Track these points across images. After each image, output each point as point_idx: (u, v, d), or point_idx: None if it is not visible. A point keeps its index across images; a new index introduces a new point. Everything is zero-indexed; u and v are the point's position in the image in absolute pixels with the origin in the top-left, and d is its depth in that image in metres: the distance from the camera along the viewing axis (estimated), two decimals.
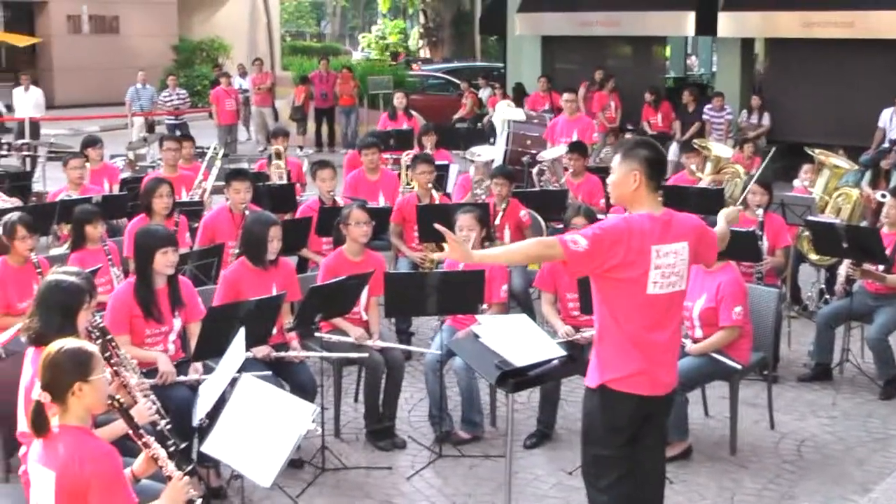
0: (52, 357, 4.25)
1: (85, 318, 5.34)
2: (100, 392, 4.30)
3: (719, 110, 18.37)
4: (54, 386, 4.22)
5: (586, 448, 5.20)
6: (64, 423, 4.25)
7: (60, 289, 5.31)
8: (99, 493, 4.11)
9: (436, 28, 45.97)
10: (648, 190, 4.96)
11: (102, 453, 4.20)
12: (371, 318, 7.71)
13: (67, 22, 35.53)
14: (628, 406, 5.00)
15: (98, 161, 11.87)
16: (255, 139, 24.40)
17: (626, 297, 4.90)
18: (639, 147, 5.01)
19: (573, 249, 4.79)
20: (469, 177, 11.01)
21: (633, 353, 4.94)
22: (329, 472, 6.89)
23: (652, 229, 4.90)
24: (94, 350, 4.37)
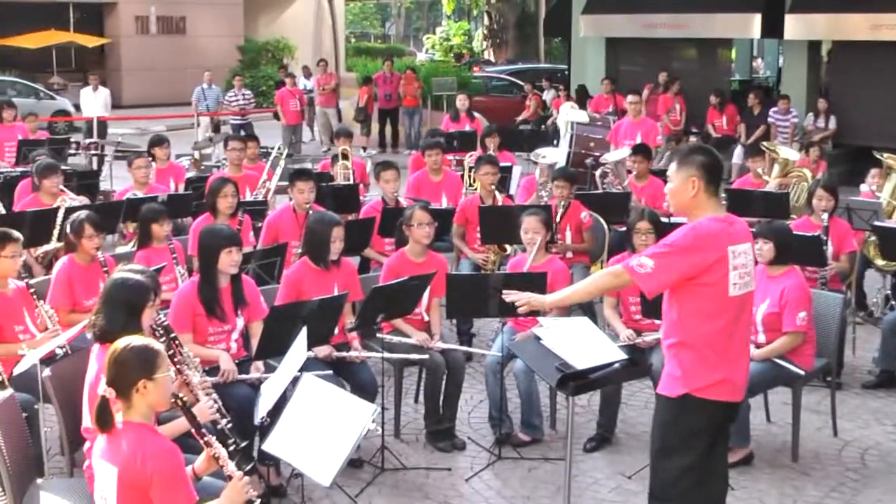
0: (119, 354, 4.31)
1: (149, 315, 5.39)
2: (164, 390, 4.35)
3: (785, 113, 18.15)
4: (119, 382, 4.28)
5: (664, 459, 5.13)
6: (128, 419, 4.31)
7: (126, 286, 5.36)
8: (160, 489, 4.16)
9: (500, 29, 46.00)
10: (708, 195, 4.96)
11: (164, 450, 4.25)
12: (433, 319, 7.72)
13: (135, 22, 36.06)
14: (712, 413, 5.01)
15: (164, 160, 11.99)
16: (319, 139, 24.57)
17: (709, 302, 4.90)
18: (694, 153, 5.03)
19: (641, 273, 4.85)
20: (533, 178, 10.99)
21: (716, 360, 4.94)
22: (388, 472, 6.91)
23: (723, 230, 4.91)
24: (159, 348, 4.43)
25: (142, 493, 4.17)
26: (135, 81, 35.64)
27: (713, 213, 4.96)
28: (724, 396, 4.98)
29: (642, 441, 7.38)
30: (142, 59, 36.02)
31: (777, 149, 12.16)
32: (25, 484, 5.17)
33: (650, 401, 7.88)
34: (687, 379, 4.96)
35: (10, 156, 14.21)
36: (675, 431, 5.04)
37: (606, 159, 12.60)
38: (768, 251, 7.11)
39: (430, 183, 11.10)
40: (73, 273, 7.43)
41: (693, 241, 4.84)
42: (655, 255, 4.86)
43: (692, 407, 4.96)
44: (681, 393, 4.97)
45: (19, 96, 25.76)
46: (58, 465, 6.49)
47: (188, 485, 4.32)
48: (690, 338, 4.95)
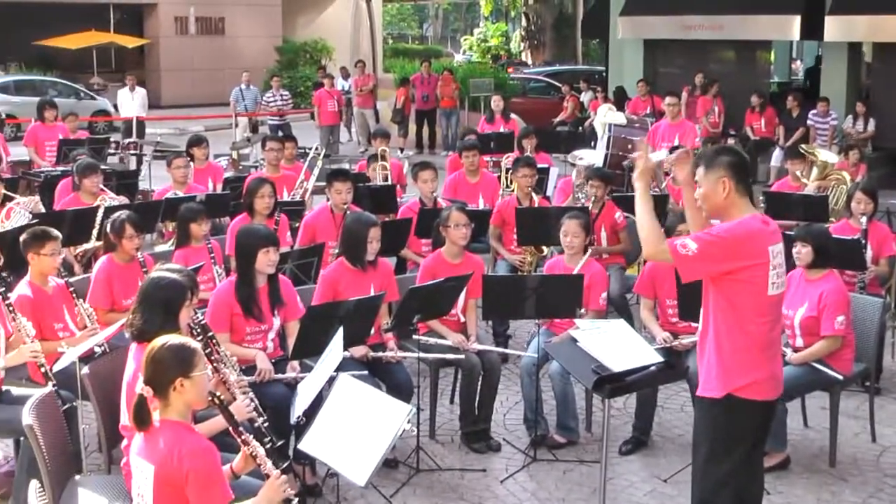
0: (156, 352, 4.34)
1: (187, 315, 5.42)
2: (201, 388, 4.38)
3: (824, 116, 18.01)
4: (157, 381, 4.31)
5: (712, 463, 5.09)
6: (165, 417, 4.34)
7: (163, 286, 5.38)
8: (196, 487, 4.18)
9: (537, 31, 45.88)
10: (739, 194, 4.95)
11: (201, 449, 4.27)
12: (469, 320, 7.72)
13: (175, 23, 36.31)
14: (757, 413, 5.03)
15: (203, 160, 12.06)
16: (357, 140, 24.64)
17: (750, 300, 4.89)
18: (720, 154, 5.02)
19: (681, 254, 4.82)
20: (569, 180, 10.96)
21: (758, 358, 4.95)
22: (423, 472, 6.92)
23: (764, 230, 4.93)
24: (196, 346, 4.45)
25: (178, 490, 4.20)
26: (174, 82, 35.89)
27: (748, 212, 4.95)
28: (766, 395, 5.00)
29: (678, 444, 7.36)
30: (181, 59, 36.27)
31: (816, 151, 12.06)
32: (64, 480, 5.21)
33: (686, 404, 7.85)
34: (728, 378, 4.95)
35: (50, 155, 14.36)
36: (721, 434, 5.03)
37: None
38: (807, 254, 7.06)
39: (467, 184, 11.10)
40: (112, 272, 7.49)
41: (738, 236, 4.84)
42: (700, 240, 4.85)
43: (737, 407, 4.96)
44: (724, 393, 4.96)
45: (60, 96, 25.98)
46: (95, 462, 6.55)
47: (224, 483, 4.34)
48: (734, 338, 4.94)
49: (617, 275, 9.14)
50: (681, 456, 7.09)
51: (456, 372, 7.91)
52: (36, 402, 5.17)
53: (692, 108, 19.27)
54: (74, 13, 33.89)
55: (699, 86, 20.19)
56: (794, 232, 7.29)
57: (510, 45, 54.85)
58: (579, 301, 7.21)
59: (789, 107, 18.72)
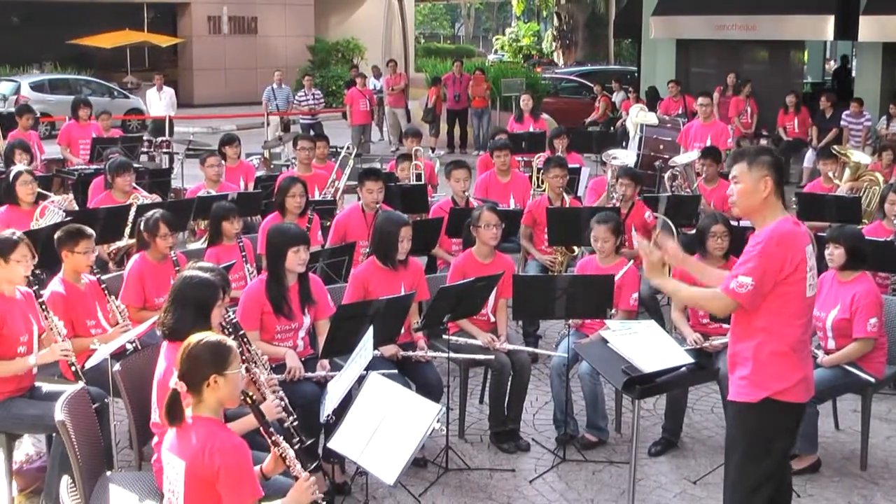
0: (192, 348, 4.37)
1: (219, 314, 5.44)
2: (234, 386, 4.40)
3: (857, 116, 17.88)
4: (191, 376, 4.34)
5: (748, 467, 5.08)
6: (197, 414, 4.37)
7: (194, 284, 5.39)
8: (227, 483, 4.20)
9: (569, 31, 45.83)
10: (775, 197, 4.97)
11: (232, 445, 4.29)
12: (499, 320, 7.72)
13: (208, 22, 36.46)
14: (795, 415, 5.07)
15: (235, 159, 12.11)
16: (388, 139, 24.67)
17: (790, 303, 4.92)
18: (763, 154, 5.03)
19: (743, 293, 4.85)
20: (601, 180, 10.93)
21: (795, 361, 4.98)
22: (452, 472, 6.92)
23: (799, 231, 4.96)
24: (233, 345, 4.48)
25: (209, 486, 4.23)
26: (206, 81, 36.05)
27: (782, 215, 4.96)
28: (802, 397, 5.03)
29: (708, 446, 7.33)
30: (213, 58, 36.42)
31: (848, 152, 11.99)
32: (95, 476, 5.25)
33: (716, 405, 7.82)
34: (766, 382, 4.95)
35: (84, 153, 14.47)
36: (758, 438, 5.02)
37: (675, 162, 12.51)
38: (839, 256, 7.01)
39: (499, 184, 11.10)
40: (145, 270, 7.53)
41: (778, 244, 4.84)
42: (751, 271, 4.84)
43: (774, 410, 4.96)
44: (762, 397, 4.95)
45: (94, 95, 26.15)
46: (126, 459, 6.61)
47: (254, 480, 4.36)
48: (771, 341, 4.94)
49: None
50: (710, 458, 7.07)
51: (486, 372, 7.91)
52: (68, 398, 5.21)
53: (724, 109, 19.19)
54: (109, 12, 34.12)
55: (731, 86, 20.11)
56: (827, 233, 7.24)
57: (542, 44, 54.80)
58: (610, 301, 7.19)
59: (822, 107, 18.60)
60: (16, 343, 6.11)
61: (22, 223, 8.98)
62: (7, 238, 6.22)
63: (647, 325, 6.20)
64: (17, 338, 6.12)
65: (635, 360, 5.70)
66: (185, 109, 32.00)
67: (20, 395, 6.18)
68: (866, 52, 20.63)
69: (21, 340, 6.14)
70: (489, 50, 60.43)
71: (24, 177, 9.43)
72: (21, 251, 6.17)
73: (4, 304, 6.12)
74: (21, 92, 27.16)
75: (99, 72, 32.37)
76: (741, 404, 5.05)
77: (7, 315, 6.09)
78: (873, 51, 19.97)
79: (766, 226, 4.97)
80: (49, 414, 5.21)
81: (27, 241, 6.27)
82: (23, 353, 6.14)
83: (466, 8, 67.72)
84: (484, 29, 73.96)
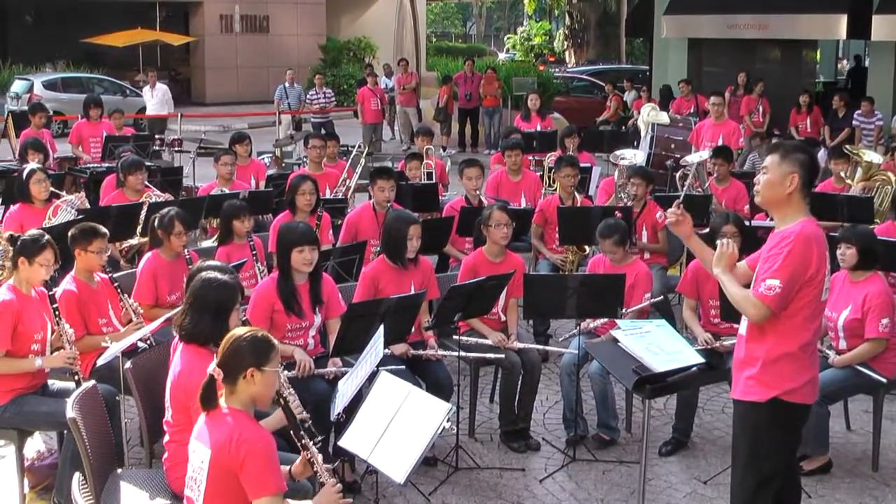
0: (237, 339, 4.42)
1: (237, 317, 5.43)
2: (270, 384, 4.44)
3: (869, 116, 17.81)
4: (230, 365, 4.38)
5: (753, 467, 5.08)
6: (229, 404, 4.40)
7: (214, 287, 5.34)
8: (251, 472, 4.22)
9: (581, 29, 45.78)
10: (800, 196, 4.94)
11: (260, 436, 4.32)
12: (509, 319, 7.72)
13: (220, 21, 36.52)
14: (802, 416, 5.07)
15: (246, 157, 12.12)
16: (399, 138, 24.69)
17: (807, 306, 4.92)
18: (799, 151, 4.99)
19: (772, 296, 4.83)
20: (612, 180, 10.92)
21: (804, 362, 4.99)
22: (462, 471, 6.92)
23: (820, 233, 4.96)
24: (276, 343, 4.51)
25: (232, 476, 4.24)
26: (218, 79, 36.11)
27: (805, 216, 4.95)
28: (808, 398, 5.03)
29: (718, 446, 7.32)
30: (225, 57, 36.48)
31: (860, 152, 11.95)
32: (106, 473, 5.26)
33: (727, 405, 7.81)
34: (775, 382, 4.95)
35: (95, 151, 14.50)
36: (764, 437, 5.02)
37: (687, 161, 12.49)
38: (851, 256, 6.99)
39: (510, 183, 11.10)
40: (157, 268, 7.53)
41: (806, 246, 4.83)
42: (778, 273, 4.82)
43: (786, 411, 4.97)
44: (770, 396, 4.95)
45: (106, 93, 26.25)
46: (137, 456, 6.62)
47: (279, 474, 4.36)
48: (787, 343, 4.94)
49: (659, 275, 9.10)
50: (721, 458, 7.06)
51: (496, 371, 7.91)
52: (79, 395, 5.23)
53: (736, 108, 19.14)
54: (121, 11, 34.18)
55: (742, 85, 20.06)
56: (839, 233, 7.22)
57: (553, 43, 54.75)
58: (621, 300, 7.18)
59: (835, 107, 18.55)
60: (30, 341, 6.14)
61: (35, 221, 9.02)
62: (36, 239, 6.24)
63: (659, 325, 6.19)
64: (31, 336, 6.15)
65: (646, 360, 5.70)
66: (197, 108, 32.13)
67: (32, 393, 6.20)
68: (879, 52, 20.57)
69: (35, 338, 6.17)
70: (501, 49, 60.39)
71: (37, 175, 9.45)
72: (46, 255, 6.20)
73: (22, 302, 6.15)
74: (34, 90, 27.23)
75: (111, 70, 32.44)
76: (748, 403, 5.05)
77: (24, 313, 6.12)
78: (886, 50, 19.92)
79: (786, 225, 4.94)
80: (60, 411, 5.23)
81: (54, 246, 6.29)
82: (36, 350, 6.17)
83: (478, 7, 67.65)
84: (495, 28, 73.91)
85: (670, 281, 9.23)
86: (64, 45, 33.16)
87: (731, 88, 19.86)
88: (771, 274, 4.83)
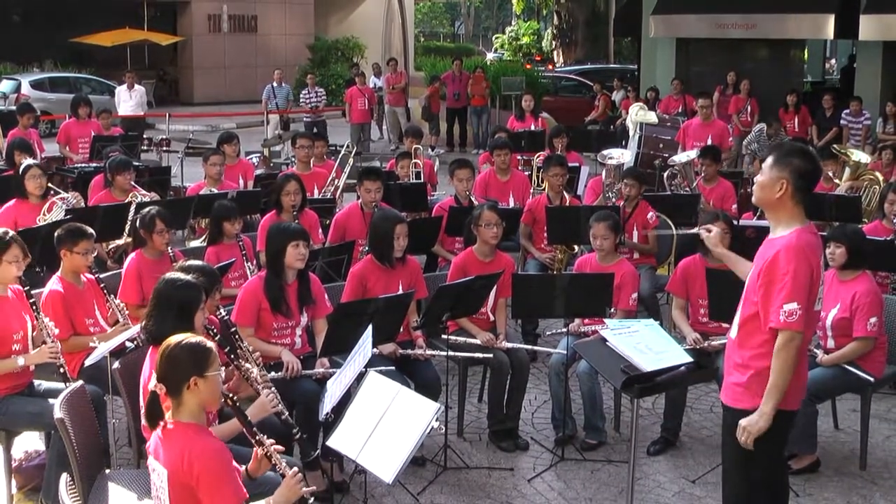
0: (171, 350, 4.29)
1: (202, 317, 5.39)
2: (215, 388, 4.33)
3: (857, 116, 17.85)
4: (171, 379, 4.26)
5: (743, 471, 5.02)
6: (177, 419, 4.28)
7: (177, 287, 5.34)
8: (207, 489, 4.14)
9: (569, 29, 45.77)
10: (794, 202, 4.80)
11: (211, 450, 4.22)
12: (498, 319, 7.72)
13: (208, 21, 36.50)
14: (790, 421, 5.00)
15: (234, 157, 12.09)
16: (388, 138, 24.68)
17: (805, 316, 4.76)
18: (793, 155, 4.81)
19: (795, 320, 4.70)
20: (599, 179, 10.94)
21: (799, 371, 4.92)
22: (451, 470, 6.92)
23: (814, 242, 4.82)
24: (212, 346, 4.39)
25: (190, 493, 4.18)
26: (206, 79, 36.08)
27: (800, 223, 4.81)
28: (795, 405, 4.98)
29: (707, 445, 7.33)
30: (213, 56, 36.44)
31: (848, 152, 11.99)
32: (94, 474, 5.25)
33: (715, 405, 7.82)
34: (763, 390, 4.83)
35: (83, 151, 14.47)
36: (762, 444, 4.87)
37: (674, 161, 12.52)
38: (840, 255, 7.00)
39: (498, 182, 11.10)
40: (142, 267, 7.50)
41: (804, 258, 4.70)
42: (793, 296, 4.69)
43: (782, 419, 4.86)
44: (756, 404, 4.83)
45: (94, 93, 26.18)
46: (125, 457, 6.60)
47: (237, 483, 4.27)
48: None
49: (648, 274, 9.12)
50: (709, 457, 7.07)
51: (484, 370, 7.91)
52: (67, 396, 5.21)
53: (724, 107, 19.18)
54: (109, 11, 34.05)
55: (731, 84, 20.09)
56: (828, 233, 7.23)
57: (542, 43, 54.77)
58: (609, 299, 7.19)
59: (825, 107, 18.58)
60: (9, 341, 6.11)
61: (30, 217, 9.03)
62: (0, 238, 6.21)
63: (647, 324, 6.19)
64: (10, 336, 6.12)
65: (634, 359, 5.70)
66: (185, 108, 32.06)
67: (18, 393, 6.18)
68: (867, 52, 20.61)
69: (15, 338, 6.14)
70: (489, 48, 60.40)
71: (33, 171, 9.45)
72: (13, 252, 6.16)
73: None
74: (21, 90, 27.19)
75: (99, 70, 32.34)
76: (734, 410, 4.98)
77: (0, 314, 6.09)
78: (874, 50, 19.96)
79: (780, 232, 4.84)
80: (48, 411, 5.22)
81: (20, 242, 6.25)
82: (17, 350, 6.14)
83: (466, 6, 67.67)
84: (484, 27, 73.91)
85: (659, 280, 9.24)
86: (51, 44, 33.07)
87: (720, 89, 19.88)
88: (785, 297, 4.70)
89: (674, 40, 23.13)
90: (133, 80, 21.86)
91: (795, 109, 18.74)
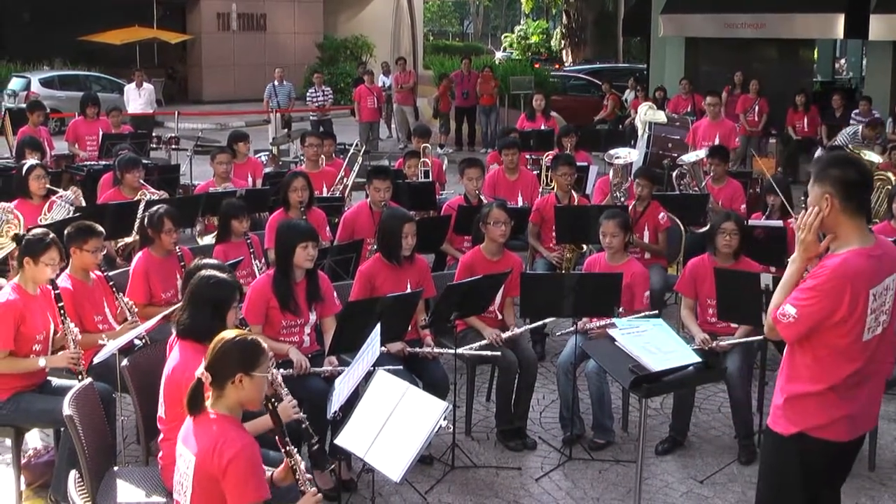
0: (225, 343, 4.35)
1: (234, 315, 5.42)
2: (259, 389, 4.37)
3: (866, 115, 17.80)
4: (218, 370, 4.31)
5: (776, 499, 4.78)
6: (215, 409, 4.34)
7: (212, 284, 5.35)
8: (233, 480, 4.17)
9: (578, 28, 45.75)
10: (846, 215, 4.39)
11: (242, 444, 4.25)
12: (506, 317, 7.71)
13: (217, 19, 36.53)
14: (830, 454, 4.61)
15: (244, 155, 12.10)
16: (396, 137, 24.68)
17: (839, 345, 4.42)
18: (830, 167, 4.44)
19: (784, 322, 4.40)
20: (607, 179, 10.93)
21: (832, 400, 4.50)
22: (458, 469, 6.92)
23: (868, 268, 4.37)
24: (266, 348, 4.45)
25: (215, 483, 4.20)
26: (215, 77, 36.10)
27: (858, 243, 4.40)
28: (842, 436, 4.58)
29: (715, 445, 7.33)
30: (222, 55, 36.47)
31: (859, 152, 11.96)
32: (102, 470, 5.27)
33: (724, 405, 7.81)
34: (800, 416, 4.56)
35: (91, 149, 14.48)
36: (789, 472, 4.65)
37: (683, 160, 12.50)
38: None
39: (507, 181, 11.09)
40: (150, 266, 7.52)
41: (835, 285, 4.32)
42: (798, 303, 4.37)
43: (811, 447, 4.56)
44: (795, 431, 4.57)
45: (103, 91, 26.24)
46: (133, 454, 6.61)
47: (262, 480, 4.31)
48: (812, 381, 4.50)
49: (658, 275, 9.10)
50: (717, 457, 7.07)
51: (493, 369, 7.91)
52: (76, 393, 5.22)
53: (732, 107, 19.15)
54: (118, 9, 34.11)
55: (738, 84, 20.07)
56: None
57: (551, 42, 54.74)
58: (617, 299, 7.17)
59: (835, 106, 18.55)
60: (32, 341, 6.14)
61: (32, 217, 9.04)
62: (40, 238, 6.24)
63: (655, 324, 6.19)
64: (33, 336, 6.15)
65: (643, 359, 5.69)
66: (194, 106, 32.08)
67: (30, 390, 6.20)
68: (876, 51, 20.58)
69: (37, 339, 6.18)
70: (498, 48, 60.37)
71: (37, 171, 9.46)
72: (51, 254, 6.21)
73: (26, 302, 6.15)
74: (31, 88, 27.28)
75: (108, 68, 32.39)
76: (774, 434, 4.70)
77: (27, 313, 6.12)
78: (884, 49, 19.92)
79: (837, 250, 4.44)
80: (57, 408, 5.22)
81: (59, 245, 6.29)
82: (37, 350, 6.17)
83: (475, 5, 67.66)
84: (493, 27, 73.91)
85: (669, 279, 9.23)
86: (61, 43, 33.08)
87: (728, 89, 19.86)
88: (793, 301, 4.41)
89: (683, 40, 23.11)
90: (142, 79, 21.90)
91: (805, 109, 18.73)
